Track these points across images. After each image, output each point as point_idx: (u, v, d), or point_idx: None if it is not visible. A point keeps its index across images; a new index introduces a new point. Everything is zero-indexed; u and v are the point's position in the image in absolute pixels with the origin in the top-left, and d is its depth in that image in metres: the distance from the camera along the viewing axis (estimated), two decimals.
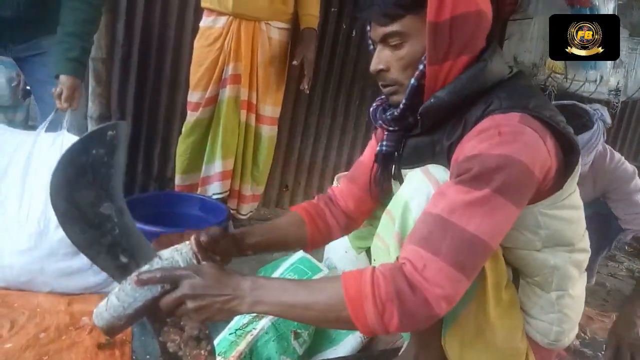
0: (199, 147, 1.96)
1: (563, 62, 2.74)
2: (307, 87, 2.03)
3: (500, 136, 0.79)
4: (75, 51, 1.43)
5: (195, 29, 2.13)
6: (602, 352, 1.67)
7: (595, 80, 2.78)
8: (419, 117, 0.91)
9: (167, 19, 2.16)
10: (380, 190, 1.08)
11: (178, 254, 0.86)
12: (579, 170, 0.92)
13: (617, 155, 1.94)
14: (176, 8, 2.16)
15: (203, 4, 1.87)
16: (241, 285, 0.78)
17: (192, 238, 0.90)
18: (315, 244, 1.14)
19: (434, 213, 0.79)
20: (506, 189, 0.77)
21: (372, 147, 1.15)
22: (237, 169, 2.03)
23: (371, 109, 1.04)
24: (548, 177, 0.85)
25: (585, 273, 1.03)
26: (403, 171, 1.02)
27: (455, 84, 0.87)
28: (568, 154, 0.87)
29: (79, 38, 1.44)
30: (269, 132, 2.06)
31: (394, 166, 1.04)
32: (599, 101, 3.03)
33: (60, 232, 1.36)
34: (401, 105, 0.93)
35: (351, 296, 0.75)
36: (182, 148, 1.97)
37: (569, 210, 0.93)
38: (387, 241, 0.96)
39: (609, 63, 2.77)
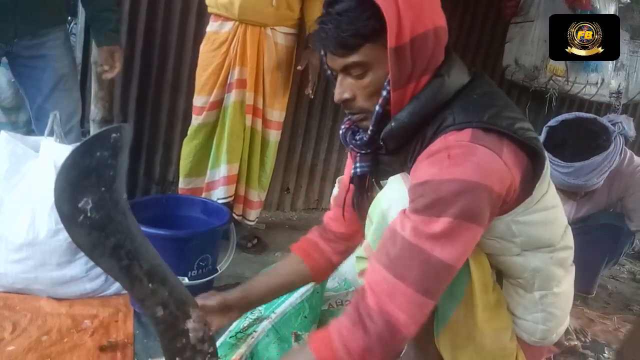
0: (202, 150, 1.96)
1: (564, 65, 2.75)
2: (311, 92, 2.03)
3: (450, 159, 0.78)
4: (111, 24, 1.59)
5: (197, 34, 2.14)
6: (604, 354, 1.67)
7: (597, 83, 2.78)
8: (381, 143, 0.90)
9: (170, 23, 2.17)
10: (359, 211, 1.06)
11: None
12: (547, 172, 0.90)
13: (637, 159, 1.85)
14: (178, 13, 2.17)
15: (210, 10, 1.88)
16: None
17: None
18: (320, 276, 1.18)
19: (401, 235, 0.79)
20: (466, 213, 0.77)
21: (349, 167, 1.14)
22: (243, 174, 2.03)
23: (341, 131, 1.03)
24: (512, 189, 0.83)
25: (573, 267, 1.02)
26: (382, 182, 1.02)
27: (415, 104, 0.85)
28: (533, 159, 0.85)
29: (109, 10, 1.60)
30: (275, 136, 2.06)
31: (372, 180, 1.04)
32: (600, 104, 3.04)
33: (51, 243, 1.39)
34: (369, 132, 0.91)
35: (319, 346, 0.78)
36: (186, 151, 1.98)
37: (543, 212, 0.91)
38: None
39: (610, 66, 2.78)
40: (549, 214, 0.93)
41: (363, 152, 0.98)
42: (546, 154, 0.90)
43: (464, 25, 2.81)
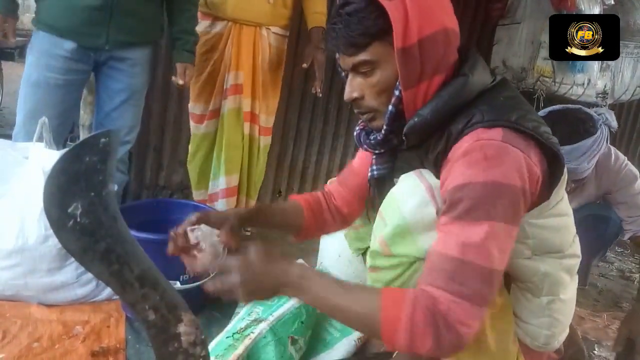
0: (207, 161, 1.91)
1: (551, 66, 2.78)
2: (319, 90, 1.91)
3: (487, 161, 0.79)
4: (188, 45, 1.71)
5: None
6: (594, 352, 1.69)
7: (583, 84, 2.82)
8: (404, 137, 0.91)
9: None
10: (374, 210, 1.06)
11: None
12: (565, 179, 0.92)
13: (622, 156, 1.92)
14: None
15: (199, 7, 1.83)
16: (289, 271, 0.82)
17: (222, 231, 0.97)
18: (308, 234, 1.18)
19: (450, 255, 0.78)
20: (505, 215, 0.77)
21: (363, 155, 1.16)
22: (243, 184, 1.96)
23: (355, 132, 1.05)
24: (536, 189, 0.85)
25: (577, 276, 1.03)
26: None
27: (437, 101, 0.86)
28: (552, 164, 0.87)
29: (190, 34, 1.71)
30: (265, 141, 2.00)
31: (393, 180, 1.03)
32: (586, 104, 3.08)
33: (41, 249, 1.38)
34: (383, 131, 0.93)
35: (387, 317, 0.76)
36: (192, 164, 1.93)
37: (557, 218, 0.93)
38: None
39: (596, 67, 2.81)
40: (562, 220, 0.95)
41: (377, 151, 1.01)
42: None
43: None
